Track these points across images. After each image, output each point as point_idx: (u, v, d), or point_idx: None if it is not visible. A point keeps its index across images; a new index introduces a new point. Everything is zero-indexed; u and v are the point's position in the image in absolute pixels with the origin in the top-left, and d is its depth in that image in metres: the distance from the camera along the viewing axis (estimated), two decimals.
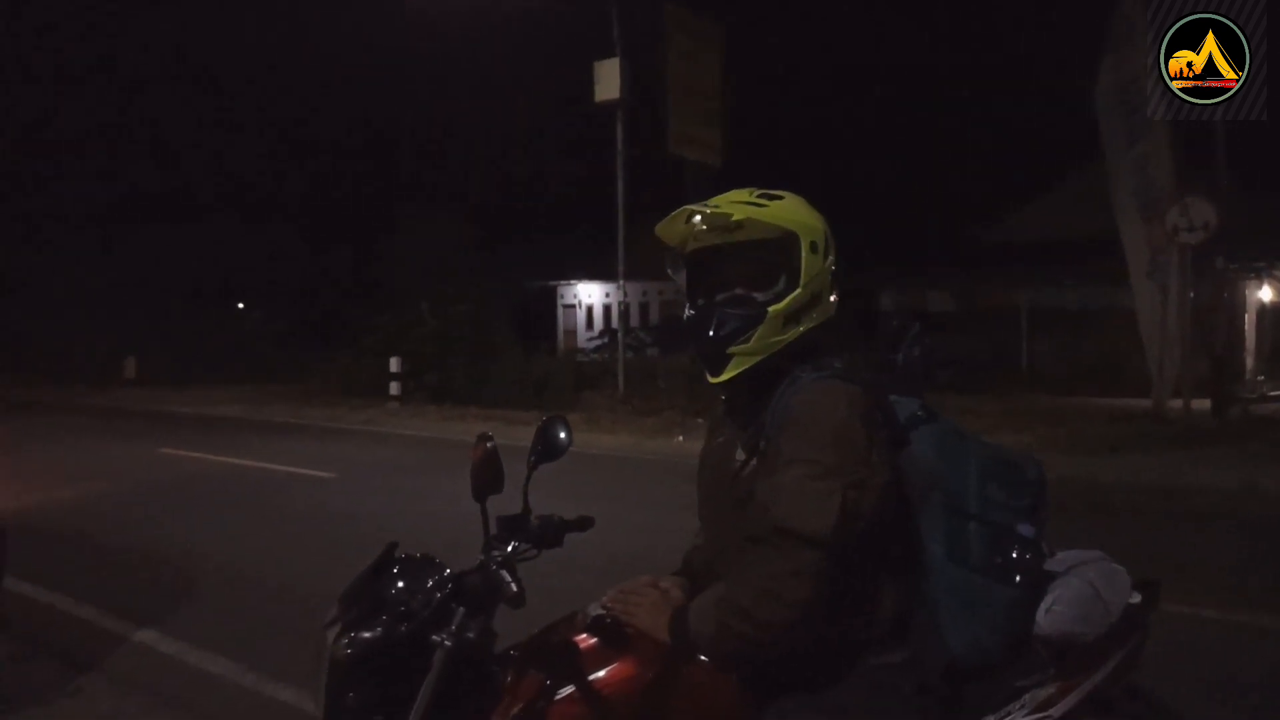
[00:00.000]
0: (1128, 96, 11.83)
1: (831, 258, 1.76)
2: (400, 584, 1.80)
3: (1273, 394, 13.72)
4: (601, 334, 28.55)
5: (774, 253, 1.71)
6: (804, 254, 1.70)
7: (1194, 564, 5.28)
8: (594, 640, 1.74)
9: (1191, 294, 11.86)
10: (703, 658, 1.67)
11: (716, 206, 1.71)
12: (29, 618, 4.74)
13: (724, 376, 1.72)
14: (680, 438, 11.98)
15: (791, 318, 1.70)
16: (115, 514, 7.53)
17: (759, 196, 1.73)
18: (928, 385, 1.95)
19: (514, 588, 1.63)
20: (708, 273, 1.77)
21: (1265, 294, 20.52)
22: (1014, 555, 1.75)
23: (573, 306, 32.98)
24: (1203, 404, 11.63)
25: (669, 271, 1.84)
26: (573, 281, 32.25)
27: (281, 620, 4.78)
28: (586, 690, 1.67)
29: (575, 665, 1.70)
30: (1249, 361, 18.37)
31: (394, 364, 17.09)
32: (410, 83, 30.57)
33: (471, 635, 1.73)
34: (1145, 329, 12.27)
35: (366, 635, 1.69)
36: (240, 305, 28.55)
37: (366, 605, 1.75)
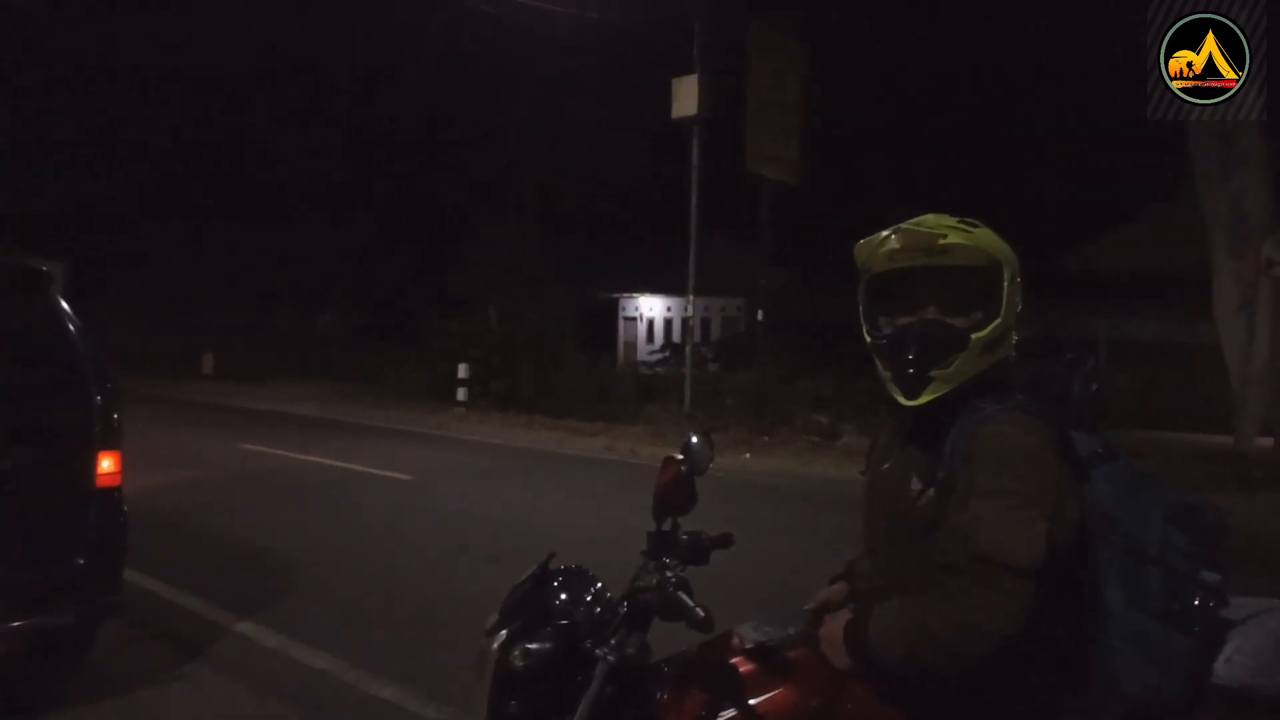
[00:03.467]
0: (1225, 129, 11.49)
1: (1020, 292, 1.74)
2: (563, 595, 1.83)
3: None
4: (662, 348, 28.51)
5: (977, 280, 1.68)
6: (1006, 284, 1.68)
7: None
8: (753, 665, 1.74)
9: None
10: (860, 687, 1.66)
11: (922, 225, 1.70)
12: (132, 602, 4.90)
13: (922, 400, 1.70)
14: (748, 455, 11.93)
15: (989, 347, 1.68)
16: (205, 504, 7.75)
17: (960, 223, 1.71)
18: (1105, 421, 1.91)
19: (700, 613, 1.63)
20: (898, 294, 1.74)
21: None
22: (1195, 602, 1.71)
23: (634, 319, 33.02)
24: None
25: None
26: (635, 294, 32.33)
27: (376, 617, 4.88)
28: (749, 715, 1.67)
29: (736, 688, 1.71)
30: None
31: (462, 370, 17.32)
32: (490, 89, 30.80)
33: (631, 650, 1.76)
34: (1232, 365, 11.88)
35: (537, 646, 1.72)
36: (316, 305, 29.22)
37: (533, 616, 1.79)
